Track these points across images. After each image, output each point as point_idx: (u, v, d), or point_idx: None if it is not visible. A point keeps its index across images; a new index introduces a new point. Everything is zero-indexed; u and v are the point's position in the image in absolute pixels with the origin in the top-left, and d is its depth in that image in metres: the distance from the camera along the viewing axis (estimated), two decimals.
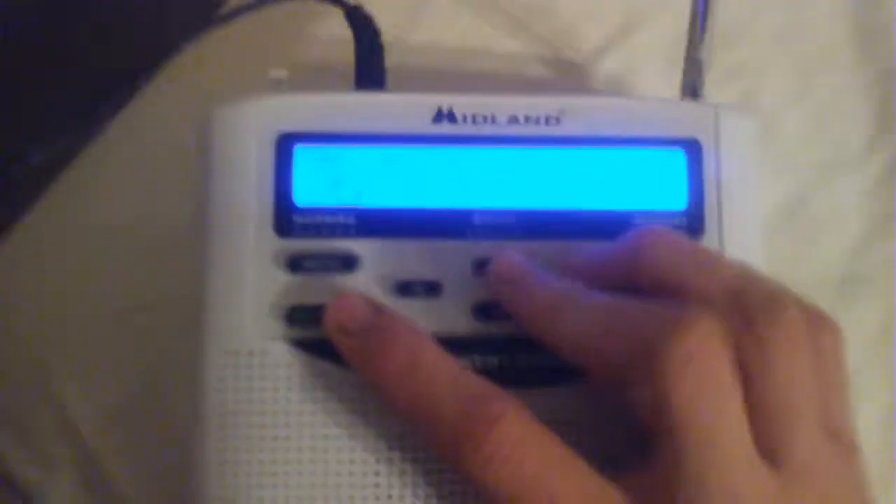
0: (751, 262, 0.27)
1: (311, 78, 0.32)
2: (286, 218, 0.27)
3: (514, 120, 0.28)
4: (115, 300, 0.34)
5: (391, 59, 0.30)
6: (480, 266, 0.27)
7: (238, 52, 0.36)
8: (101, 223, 0.35)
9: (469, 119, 0.28)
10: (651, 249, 0.24)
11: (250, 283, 0.26)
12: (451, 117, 0.28)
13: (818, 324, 0.23)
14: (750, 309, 0.22)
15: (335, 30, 0.31)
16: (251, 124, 0.27)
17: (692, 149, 0.28)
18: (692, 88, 0.30)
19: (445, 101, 0.28)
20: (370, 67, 0.30)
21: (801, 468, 0.21)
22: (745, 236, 0.28)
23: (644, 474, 0.22)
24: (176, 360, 0.32)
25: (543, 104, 0.28)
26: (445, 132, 0.27)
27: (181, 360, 0.31)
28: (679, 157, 0.28)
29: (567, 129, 0.28)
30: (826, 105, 0.38)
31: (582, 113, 0.28)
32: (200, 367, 0.26)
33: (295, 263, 0.26)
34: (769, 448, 0.21)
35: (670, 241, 0.24)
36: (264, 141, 0.27)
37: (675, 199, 0.28)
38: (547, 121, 0.28)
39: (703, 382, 0.21)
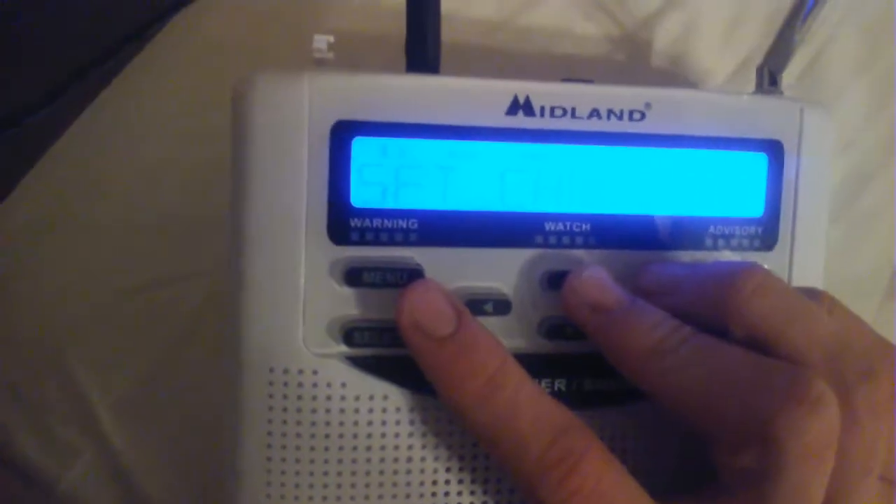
0: (815, 273, 0.27)
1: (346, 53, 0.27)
2: (342, 222, 0.23)
3: (595, 113, 0.25)
4: (132, 278, 0.30)
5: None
6: (551, 279, 0.25)
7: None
8: (113, 194, 0.31)
9: (547, 111, 0.24)
10: (754, 298, 0.22)
11: (301, 296, 0.23)
12: (528, 109, 0.24)
13: None
14: (848, 377, 0.22)
15: None
16: (302, 107, 0.23)
17: (775, 152, 0.26)
18: (771, 79, 0.27)
19: (522, 88, 0.24)
20: (425, 42, 0.25)
21: None
22: (814, 248, 0.27)
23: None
24: (196, 338, 0.30)
25: (628, 97, 0.25)
26: (521, 126, 0.24)
27: (203, 338, 0.29)
28: (761, 162, 0.26)
29: (651, 126, 0.25)
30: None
31: (667, 108, 0.25)
32: (239, 386, 0.24)
33: (353, 276, 0.23)
34: (830, 497, 0.22)
35: (774, 291, 0.23)
36: (317, 129, 0.23)
37: (753, 207, 0.26)
38: (631, 116, 0.25)
39: (820, 466, 0.21)
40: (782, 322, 0.22)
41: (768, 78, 0.27)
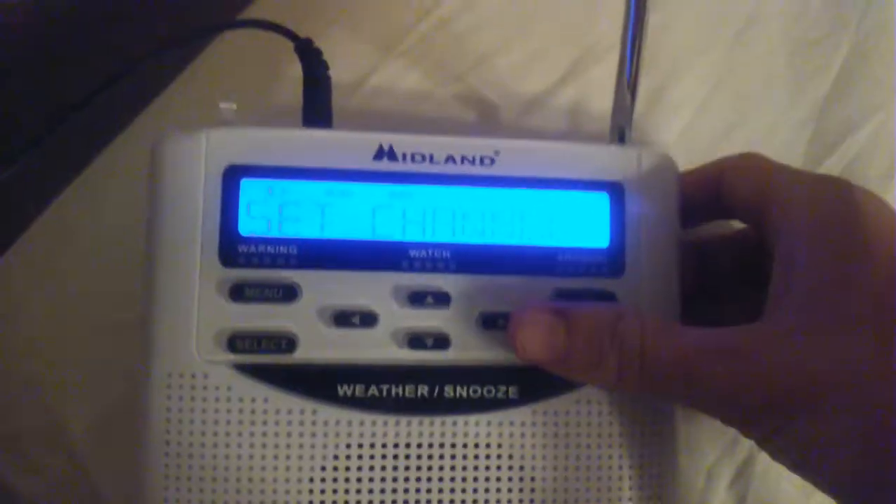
0: (667, 299, 0.30)
1: (261, 111, 0.33)
2: (231, 248, 0.28)
3: (450, 159, 0.29)
4: (111, 313, 0.35)
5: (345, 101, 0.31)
6: (414, 297, 0.29)
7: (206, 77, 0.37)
8: (96, 234, 0.36)
9: (408, 157, 0.29)
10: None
11: (195, 309, 0.28)
12: (392, 155, 0.29)
13: None
14: None
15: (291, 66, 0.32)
16: (199, 155, 0.28)
17: (616, 191, 0.30)
18: (620, 132, 0.32)
19: (386, 139, 0.29)
20: (317, 102, 0.31)
21: None
22: (665, 275, 0.30)
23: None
24: None
25: (479, 145, 0.29)
26: (385, 169, 0.29)
27: None
28: (603, 200, 0.30)
29: (501, 169, 0.29)
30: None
31: (516, 154, 0.30)
32: (144, 389, 0.28)
33: (237, 292, 0.28)
34: None
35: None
36: (212, 172, 0.28)
37: (599, 238, 0.30)
38: (482, 161, 0.29)
39: None
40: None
41: (618, 132, 0.32)
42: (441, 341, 0.28)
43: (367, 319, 0.28)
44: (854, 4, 0.42)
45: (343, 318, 0.28)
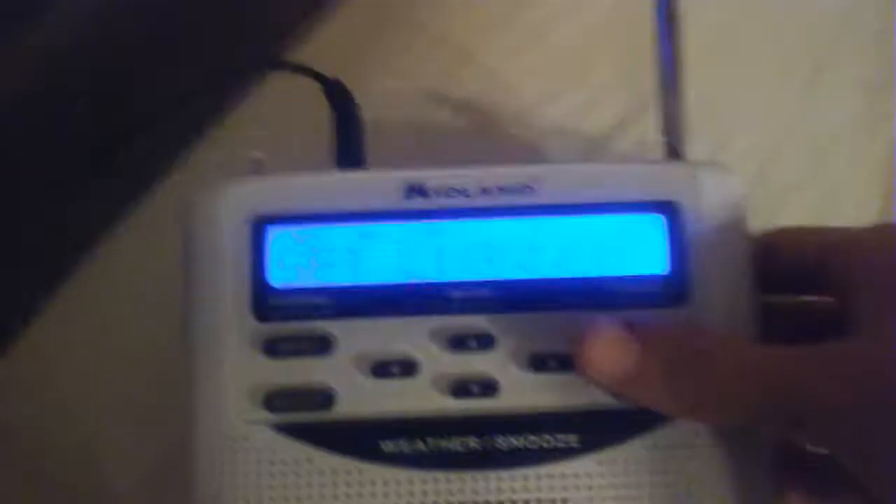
0: (733, 326, 0.27)
1: (300, 157, 0.32)
2: (263, 301, 0.27)
3: (486, 191, 0.27)
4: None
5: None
6: (455, 342, 0.27)
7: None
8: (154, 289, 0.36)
9: (441, 193, 0.27)
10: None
11: (231, 367, 0.27)
12: (422, 192, 0.27)
13: None
14: None
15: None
16: (226, 209, 0.27)
17: (671, 212, 0.27)
18: (672, 149, 0.29)
19: (415, 175, 0.28)
20: (349, 143, 0.30)
21: None
22: (735, 300, 0.27)
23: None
24: None
25: (516, 174, 0.28)
26: (417, 207, 0.27)
27: None
28: (657, 221, 0.27)
29: (541, 197, 0.27)
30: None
31: (557, 180, 0.27)
32: (191, 447, 0.27)
33: (272, 347, 0.27)
34: None
35: None
36: (239, 225, 0.27)
37: (656, 264, 0.27)
38: (521, 190, 0.27)
39: None
40: None
41: (669, 149, 0.29)
42: (488, 387, 0.26)
43: (407, 368, 0.26)
44: None
45: (381, 368, 0.26)
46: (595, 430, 0.26)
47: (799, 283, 0.27)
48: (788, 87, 0.43)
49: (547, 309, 0.27)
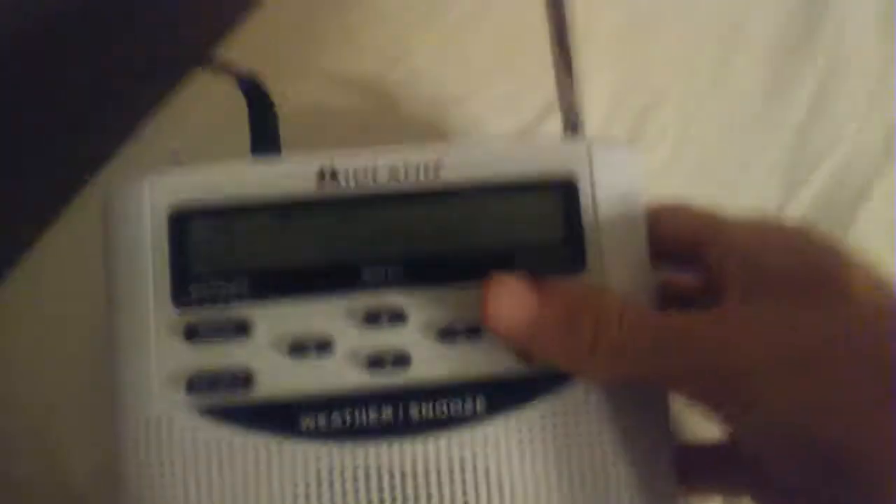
0: (637, 295, 0.28)
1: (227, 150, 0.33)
2: (182, 289, 0.28)
3: (394, 172, 0.29)
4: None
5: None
6: (370, 318, 0.28)
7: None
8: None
9: (352, 176, 0.29)
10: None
11: (153, 353, 0.28)
12: (334, 175, 0.29)
13: None
14: None
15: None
16: (145, 200, 0.28)
17: (567, 185, 0.29)
18: (572, 124, 0.30)
19: (327, 160, 0.29)
20: (263, 134, 0.31)
21: None
22: (629, 269, 0.29)
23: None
24: None
25: (421, 154, 0.29)
26: (330, 190, 0.28)
27: None
28: (554, 195, 0.29)
29: (446, 177, 0.29)
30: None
31: (459, 160, 0.29)
32: (116, 432, 0.28)
33: (192, 333, 0.28)
34: None
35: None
36: (158, 215, 0.28)
37: (554, 234, 0.29)
38: (426, 172, 0.29)
39: None
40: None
41: (570, 125, 0.30)
42: (400, 360, 0.27)
43: (324, 346, 0.28)
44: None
45: (299, 348, 0.27)
46: (501, 395, 0.27)
47: (669, 257, 0.29)
48: (701, 63, 0.44)
49: (454, 281, 0.28)
